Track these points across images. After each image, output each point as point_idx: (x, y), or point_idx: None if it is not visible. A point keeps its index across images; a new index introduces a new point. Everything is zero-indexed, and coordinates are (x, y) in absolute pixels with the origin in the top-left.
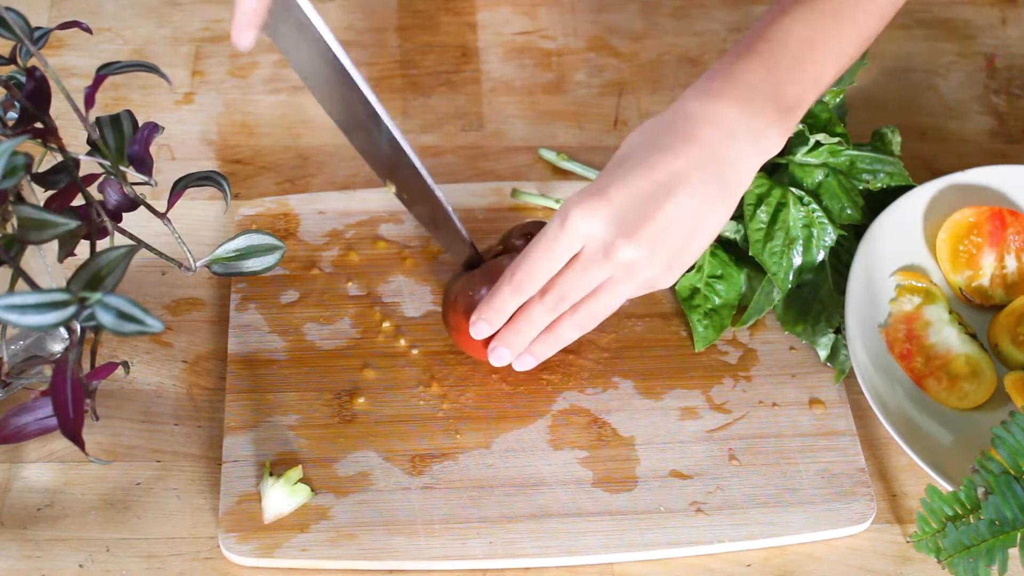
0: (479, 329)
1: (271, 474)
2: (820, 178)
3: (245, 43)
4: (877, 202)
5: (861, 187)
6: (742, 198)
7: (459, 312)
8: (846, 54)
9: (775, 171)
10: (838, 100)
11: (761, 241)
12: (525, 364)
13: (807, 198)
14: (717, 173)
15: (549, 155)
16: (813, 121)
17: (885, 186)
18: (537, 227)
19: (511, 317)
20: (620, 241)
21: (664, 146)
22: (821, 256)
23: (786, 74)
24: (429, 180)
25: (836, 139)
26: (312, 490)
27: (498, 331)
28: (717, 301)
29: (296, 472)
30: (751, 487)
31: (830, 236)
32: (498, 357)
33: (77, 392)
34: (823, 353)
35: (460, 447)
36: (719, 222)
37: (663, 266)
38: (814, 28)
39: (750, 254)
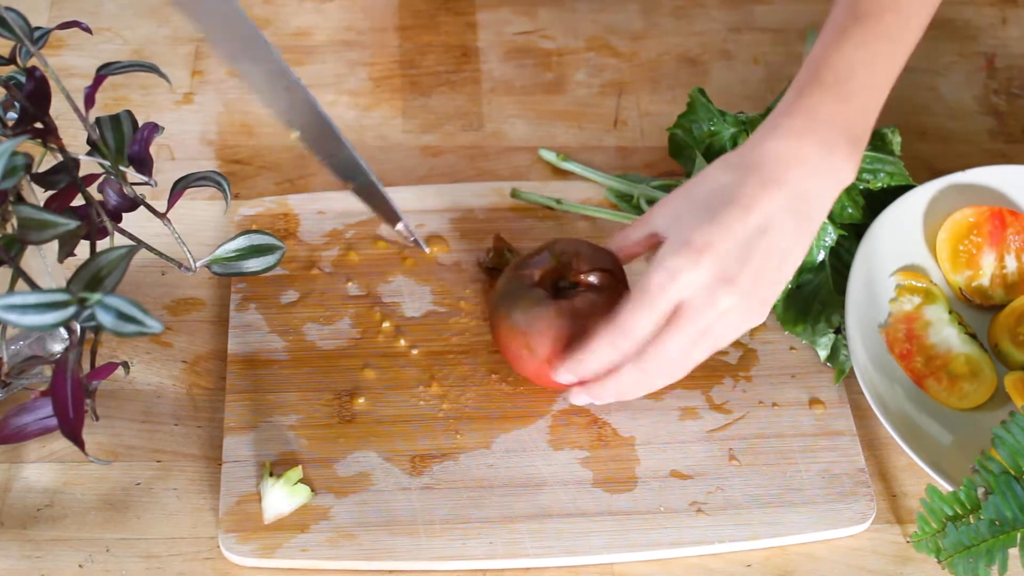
0: (565, 379)
1: (271, 474)
2: None
3: None
4: (877, 202)
5: (861, 187)
6: None
7: (528, 341)
8: (897, 74)
9: None
10: None
11: None
12: (604, 401)
13: None
14: (805, 211)
15: (549, 155)
16: None
17: (885, 186)
18: (599, 259)
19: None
20: (723, 289)
21: (752, 189)
22: (821, 256)
23: (856, 104)
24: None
25: None
26: (312, 490)
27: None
28: None
29: (296, 472)
30: (751, 487)
31: (830, 236)
32: (578, 400)
33: (77, 392)
34: (823, 353)
35: (460, 447)
36: (803, 254)
37: (760, 305)
38: (873, 51)
39: None
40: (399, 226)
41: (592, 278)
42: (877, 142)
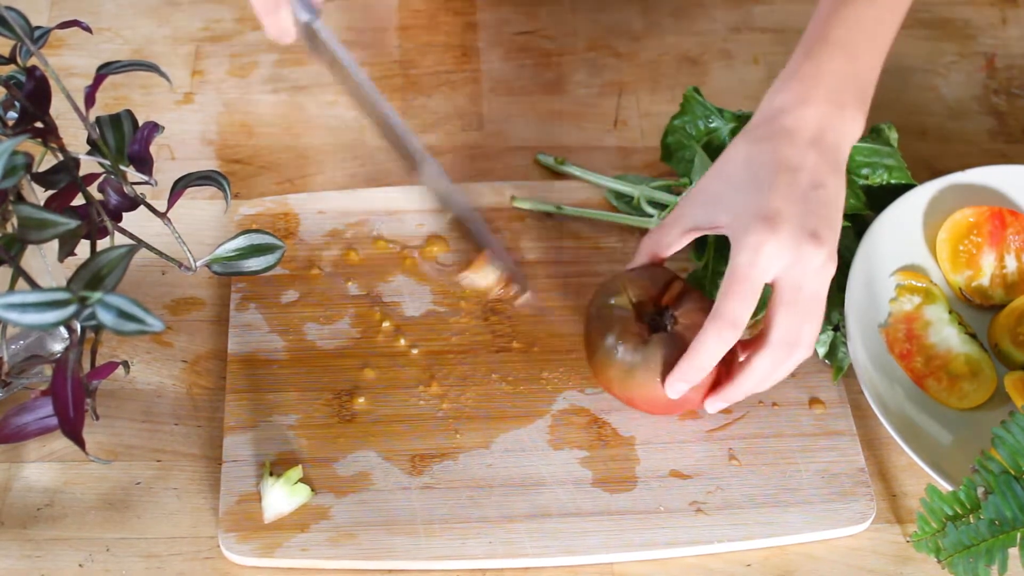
0: (678, 390)
1: (271, 474)
2: None
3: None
4: (877, 200)
5: (861, 183)
6: None
7: (643, 378)
8: (895, 33)
9: None
10: None
11: None
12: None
13: None
14: (837, 163)
15: (547, 160)
16: None
17: (884, 183)
18: (688, 291)
19: (731, 382)
20: (810, 245)
21: (792, 151)
22: None
23: (862, 63)
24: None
25: None
26: (312, 490)
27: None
28: None
29: (296, 472)
30: (751, 487)
31: None
32: (714, 408)
33: (77, 392)
34: (821, 351)
35: (460, 447)
36: (843, 199)
37: (834, 253)
38: (878, 10)
39: None
40: (524, 297)
41: (686, 319)
42: (874, 135)
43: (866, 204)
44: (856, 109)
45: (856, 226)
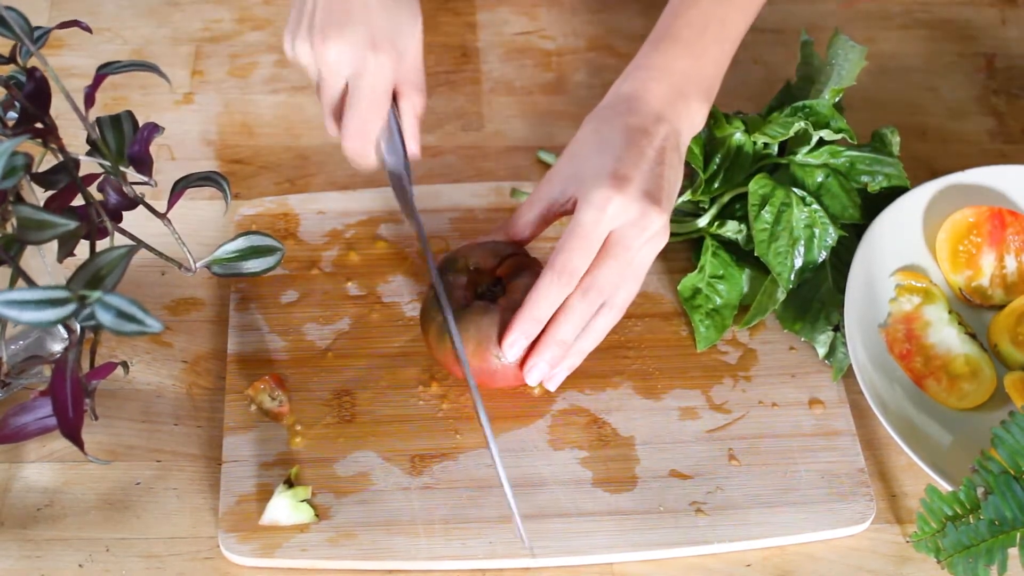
0: (519, 345)
1: (286, 482)
2: (821, 179)
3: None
4: (877, 202)
5: (857, 188)
6: (746, 198)
7: (495, 349)
8: (747, 28)
9: (776, 171)
10: (836, 100)
11: (766, 241)
12: (559, 379)
13: (809, 198)
14: (679, 146)
15: (548, 157)
16: (816, 119)
17: (882, 188)
18: (502, 250)
19: (544, 331)
20: (652, 210)
21: (645, 121)
22: (822, 256)
23: (708, 59)
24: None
25: (840, 135)
26: (316, 515)
27: (533, 349)
28: (719, 301)
29: (304, 491)
30: (751, 487)
31: (831, 236)
32: (537, 373)
33: (77, 392)
34: (821, 351)
35: (460, 447)
36: (680, 180)
37: (667, 228)
38: (726, 7)
39: (756, 254)
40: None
41: (522, 278)
42: (876, 143)
43: (863, 211)
44: (699, 101)
45: (856, 227)
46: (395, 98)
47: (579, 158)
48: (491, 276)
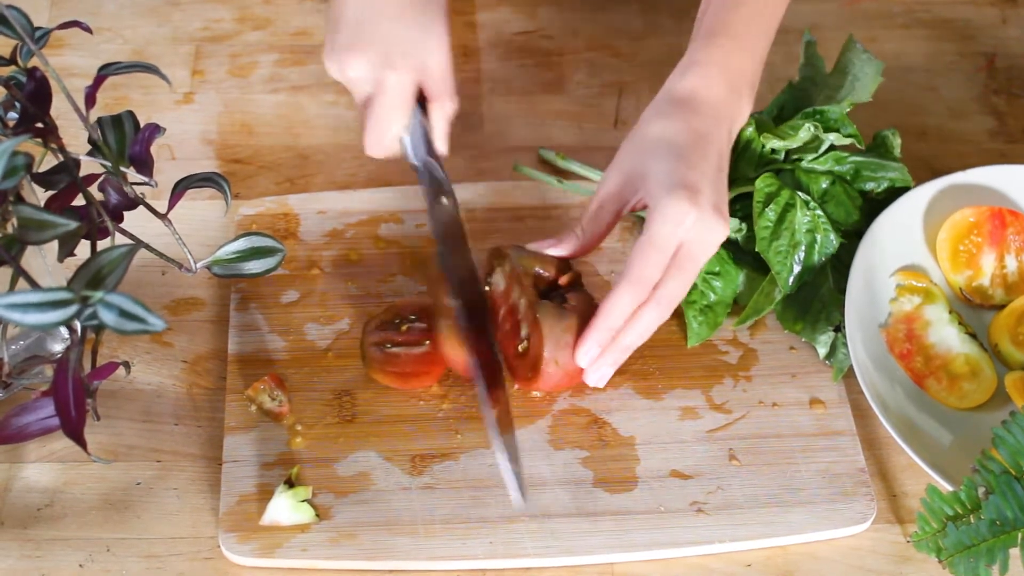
0: (592, 351)
1: (286, 482)
2: (826, 186)
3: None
4: (877, 203)
5: (859, 189)
6: (749, 198)
7: (556, 356)
8: (779, 23)
9: (780, 175)
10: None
11: (768, 239)
12: (608, 377)
13: (813, 203)
14: (730, 145)
15: (549, 155)
16: (825, 125)
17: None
18: (579, 282)
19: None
20: (721, 226)
21: (706, 126)
22: (821, 262)
23: (757, 55)
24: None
25: (849, 140)
26: (316, 514)
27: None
28: (713, 298)
29: (305, 491)
30: (751, 487)
31: (832, 244)
32: (602, 376)
33: (78, 392)
34: (822, 351)
35: (460, 447)
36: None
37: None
38: (773, 4)
39: (756, 250)
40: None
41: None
42: (879, 147)
43: (863, 213)
44: (748, 97)
45: (855, 227)
46: (426, 102)
47: (645, 155)
48: (549, 284)
